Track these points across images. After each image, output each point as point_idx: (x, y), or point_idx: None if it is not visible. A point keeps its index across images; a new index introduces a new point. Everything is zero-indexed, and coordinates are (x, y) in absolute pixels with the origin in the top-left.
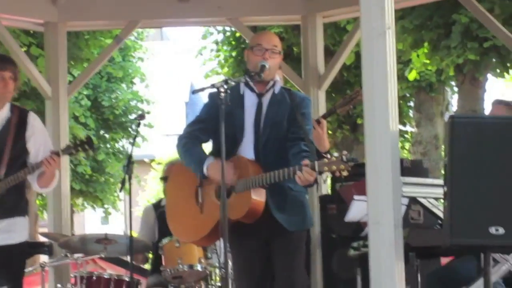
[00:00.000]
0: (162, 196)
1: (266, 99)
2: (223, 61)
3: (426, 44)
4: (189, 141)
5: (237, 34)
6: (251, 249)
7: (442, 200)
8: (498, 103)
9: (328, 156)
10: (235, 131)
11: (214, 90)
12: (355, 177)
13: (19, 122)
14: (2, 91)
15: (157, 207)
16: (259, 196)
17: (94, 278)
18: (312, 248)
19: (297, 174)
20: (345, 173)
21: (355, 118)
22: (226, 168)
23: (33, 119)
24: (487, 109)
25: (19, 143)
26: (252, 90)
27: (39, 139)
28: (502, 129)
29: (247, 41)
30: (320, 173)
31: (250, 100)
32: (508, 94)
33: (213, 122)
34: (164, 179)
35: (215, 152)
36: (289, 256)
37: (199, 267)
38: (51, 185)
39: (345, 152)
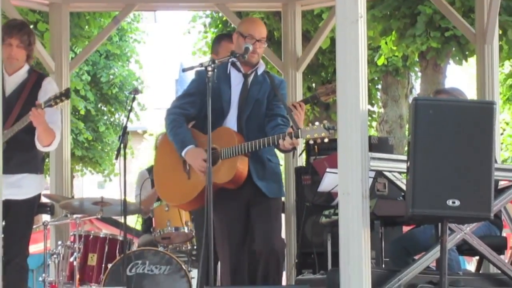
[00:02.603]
0: None
1: (250, 79)
2: (210, 42)
3: (393, 32)
4: (177, 117)
5: (224, 18)
6: (233, 214)
7: (405, 174)
8: (438, 92)
9: (314, 123)
10: (222, 105)
11: (202, 68)
12: (327, 151)
13: (34, 84)
14: (8, 57)
15: (151, 171)
16: (243, 164)
17: (91, 237)
18: (287, 215)
19: (281, 141)
20: (326, 140)
21: (310, 102)
22: (201, 153)
23: (47, 82)
24: None
25: (30, 104)
26: (238, 70)
27: None
28: (460, 111)
29: (233, 25)
30: (309, 151)
31: (236, 79)
32: (465, 79)
33: (202, 96)
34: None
35: (202, 122)
36: (269, 220)
37: (185, 230)
38: (51, 144)
39: (325, 121)
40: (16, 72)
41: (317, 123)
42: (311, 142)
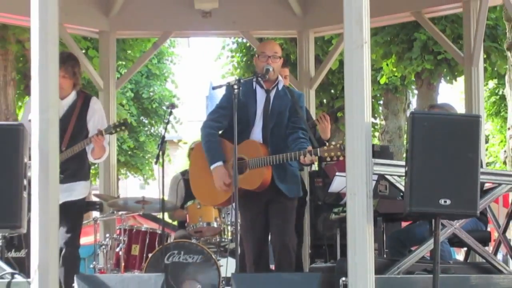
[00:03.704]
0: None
1: (272, 94)
2: (236, 65)
3: (393, 55)
4: (211, 131)
5: (248, 44)
6: (255, 212)
7: (403, 177)
8: (432, 107)
9: (330, 143)
10: (249, 118)
11: (229, 85)
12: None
13: (83, 105)
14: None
15: (184, 174)
16: (268, 173)
17: (134, 230)
18: (305, 212)
19: (301, 157)
20: (341, 158)
21: (336, 113)
22: (225, 175)
23: (93, 103)
24: None
25: (81, 122)
26: (261, 86)
27: (97, 120)
28: (450, 123)
29: (255, 49)
30: (321, 157)
31: (260, 94)
32: (455, 96)
33: (232, 109)
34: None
35: (232, 132)
36: (283, 218)
37: (215, 224)
38: (101, 157)
39: (340, 142)
40: (65, 96)
41: (333, 143)
42: (328, 159)
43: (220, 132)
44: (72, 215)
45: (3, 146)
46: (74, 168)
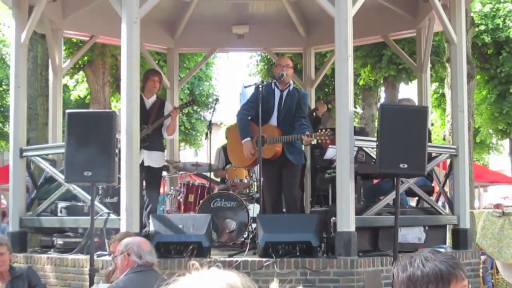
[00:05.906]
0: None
1: (285, 93)
2: (259, 70)
3: (368, 65)
4: (244, 116)
5: (268, 57)
6: (271, 173)
7: (375, 149)
8: (401, 100)
9: (321, 129)
10: (269, 109)
11: (256, 86)
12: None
13: (160, 104)
14: (154, 87)
15: (224, 146)
16: (279, 147)
17: (190, 184)
18: (306, 173)
19: (303, 138)
20: (328, 142)
21: (329, 104)
22: (250, 147)
23: (167, 103)
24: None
25: (160, 113)
26: (278, 87)
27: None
28: (407, 112)
29: (274, 61)
30: (315, 139)
31: (277, 93)
32: (411, 93)
33: (258, 102)
34: (228, 129)
35: (257, 119)
36: (292, 178)
37: (245, 181)
38: (173, 134)
39: (328, 129)
40: (151, 97)
41: (324, 130)
42: (320, 141)
43: (249, 118)
44: (157, 178)
45: (103, 126)
46: (157, 140)
